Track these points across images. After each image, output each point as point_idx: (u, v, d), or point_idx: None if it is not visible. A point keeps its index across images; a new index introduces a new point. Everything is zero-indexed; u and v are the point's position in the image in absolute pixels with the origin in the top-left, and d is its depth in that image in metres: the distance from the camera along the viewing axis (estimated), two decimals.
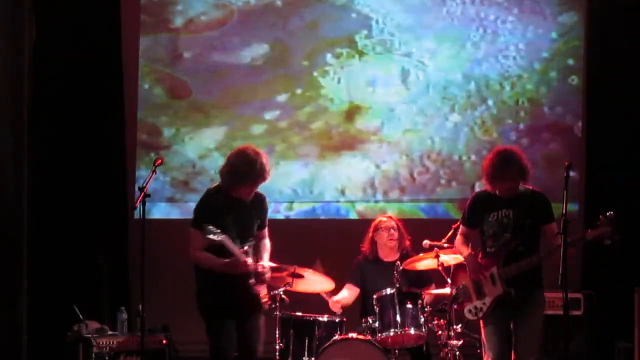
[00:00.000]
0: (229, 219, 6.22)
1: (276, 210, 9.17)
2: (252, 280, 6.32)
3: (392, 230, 7.70)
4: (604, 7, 8.82)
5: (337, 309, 7.60)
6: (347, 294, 7.71)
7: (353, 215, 9.19)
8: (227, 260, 6.22)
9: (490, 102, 9.12)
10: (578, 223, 8.28)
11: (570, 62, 9.03)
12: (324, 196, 9.19)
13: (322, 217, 9.19)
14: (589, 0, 8.96)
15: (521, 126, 9.07)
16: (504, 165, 6.16)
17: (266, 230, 6.66)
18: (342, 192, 9.18)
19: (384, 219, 7.82)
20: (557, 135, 9.02)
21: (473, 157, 9.02)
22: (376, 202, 9.17)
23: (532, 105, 9.08)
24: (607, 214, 6.02)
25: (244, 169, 6.24)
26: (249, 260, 6.34)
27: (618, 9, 8.72)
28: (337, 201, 9.18)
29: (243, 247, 6.29)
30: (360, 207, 9.19)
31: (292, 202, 9.24)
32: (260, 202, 6.44)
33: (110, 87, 9.37)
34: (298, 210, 9.26)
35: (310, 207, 9.24)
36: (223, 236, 6.14)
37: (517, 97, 9.10)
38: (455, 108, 9.15)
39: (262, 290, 6.60)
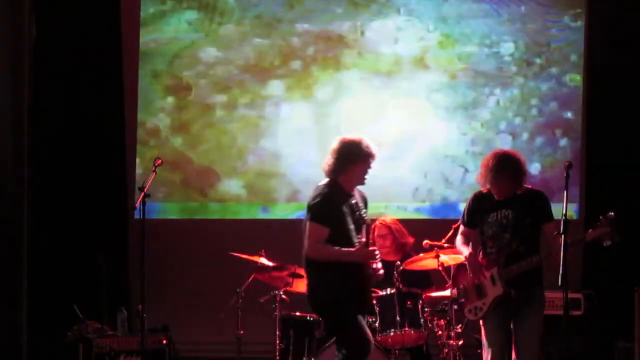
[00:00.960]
0: (346, 212, 6.17)
1: (278, 210, 9.20)
2: (371, 271, 6.24)
3: (380, 240, 7.68)
4: (604, 6, 8.81)
5: None
6: None
7: None
8: (354, 249, 6.11)
9: (490, 101, 9.13)
10: (578, 223, 8.29)
11: (571, 61, 9.02)
12: None
13: None
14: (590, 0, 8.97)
15: (521, 126, 9.07)
16: (500, 169, 6.16)
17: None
18: None
19: (378, 223, 7.77)
20: (557, 136, 9.02)
21: (471, 156, 9.02)
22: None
23: (532, 105, 9.07)
24: (608, 214, 6.02)
25: (352, 150, 6.19)
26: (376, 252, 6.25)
27: (618, 9, 8.72)
28: None
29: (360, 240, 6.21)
30: None
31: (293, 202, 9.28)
32: (364, 199, 6.38)
33: (110, 87, 9.37)
34: (299, 210, 9.27)
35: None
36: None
37: (517, 97, 9.10)
38: (453, 107, 9.16)
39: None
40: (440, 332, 7.31)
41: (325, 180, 6.27)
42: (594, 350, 8.09)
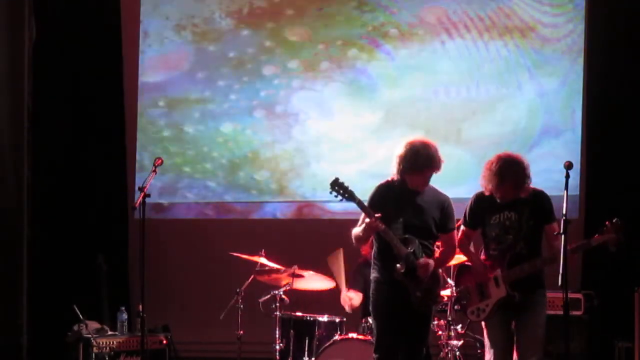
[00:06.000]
0: (398, 207, 6.22)
1: (278, 210, 9.22)
2: (399, 266, 6.21)
3: None
4: (604, 6, 8.80)
5: (347, 305, 7.59)
6: (354, 296, 7.70)
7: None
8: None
9: (491, 101, 9.14)
10: (578, 223, 8.28)
11: (571, 61, 9.02)
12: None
13: (323, 217, 9.18)
14: (590, 0, 8.95)
15: (521, 127, 9.07)
16: (503, 174, 6.11)
17: (450, 237, 6.39)
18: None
19: None
20: (557, 136, 9.02)
21: (472, 156, 9.02)
22: None
23: (532, 105, 9.07)
24: (614, 220, 5.99)
25: (411, 158, 6.24)
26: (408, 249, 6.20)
27: (618, 8, 8.71)
28: (341, 200, 9.17)
29: (408, 248, 6.18)
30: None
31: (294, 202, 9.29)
32: (440, 202, 6.36)
33: (110, 88, 9.38)
34: (299, 210, 9.29)
35: (312, 207, 9.26)
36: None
37: (517, 98, 9.10)
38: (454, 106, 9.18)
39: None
40: (440, 332, 7.31)
41: (388, 178, 6.37)
42: (594, 350, 8.08)
